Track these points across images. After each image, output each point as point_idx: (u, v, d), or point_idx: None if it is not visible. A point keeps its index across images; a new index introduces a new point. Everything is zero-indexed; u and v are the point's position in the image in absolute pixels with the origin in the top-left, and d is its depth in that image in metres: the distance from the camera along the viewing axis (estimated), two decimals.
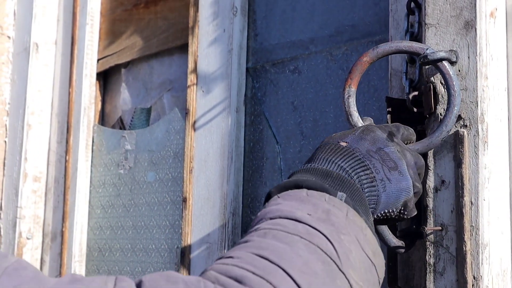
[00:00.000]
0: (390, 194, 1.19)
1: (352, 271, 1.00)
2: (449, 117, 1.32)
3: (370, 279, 1.05)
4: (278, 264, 0.96)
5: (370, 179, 1.18)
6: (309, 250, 0.99)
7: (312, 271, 0.97)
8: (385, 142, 1.22)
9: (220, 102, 2.01)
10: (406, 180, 1.21)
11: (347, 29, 1.82)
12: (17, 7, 2.68)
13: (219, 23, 2.05)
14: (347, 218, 1.05)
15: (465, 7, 1.38)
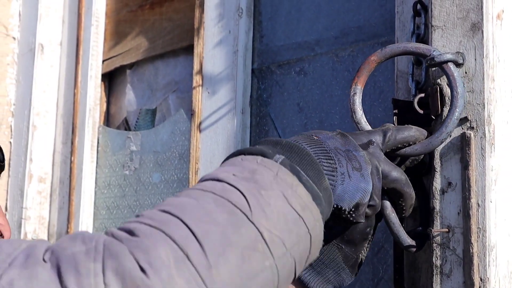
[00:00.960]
0: (346, 189, 1.18)
1: (265, 221, 0.98)
2: (449, 119, 1.32)
3: (293, 229, 1.01)
4: (177, 215, 0.95)
5: (331, 169, 1.18)
6: (217, 203, 0.98)
7: (212, 220, 0.96)
8: (354, 146, 1.23)
9: (225, 104, 2.01)
10: (367, 183, 1.20)
11: (352, 31, 1.82)
12: (22, 8, 2.68)
13: (224, 25, 2.05)
14: (276, 177, 1.04)
15: (471, 9, 1.38)
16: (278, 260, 0.98)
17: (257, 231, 0.97)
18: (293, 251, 1.00)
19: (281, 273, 0.99)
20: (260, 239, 0.97)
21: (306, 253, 1.04)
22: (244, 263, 0.95)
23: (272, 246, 0.98)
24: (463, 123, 1.36)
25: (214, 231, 0.95)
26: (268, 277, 0.97)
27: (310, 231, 1.03)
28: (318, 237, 1.06)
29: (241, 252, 0.95)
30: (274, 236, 0.98)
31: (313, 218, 1.04)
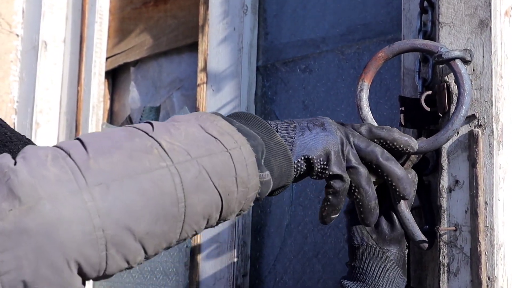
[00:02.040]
0: (307, 139, 1.21)
1: (168, 137, 1.04)
2: (456, 116, 1.31)
3: (202, 145, 1.05)
4: (80, 138, 1.02)
5: (290, 126, 1.22)
6: (124, 130, 1.05)
7: (108, 137, 1.02)
8: (325, 119, 1.26)
9: (230, 101, 2.00)
10: (329, 133, 1.22)
11: (359, 28, 1.81)
12: (25, 5, 2.68)
13: (229, 22, 2.05)
14: (199, 117, 1.10)
15: (479, 6, 1.37)
16: (179, 164, 1.02)
17: (154, 141, 1.02)
18: (202, 160, 1.04)
19: (183, 175, 1.02)
20: (157, 146, 1.02)
21: (227, 168, 1.06)
22: (132, 160, 0.99)
23: (171, 153, 1.02)
24: (471, 121, 1.35)
25: (104, 142, 1.01)
26: (165, 175, 1.00)
27: (230, 151, 1.07)
28: (247, 161, 1.09)
29: (129, 153, 1.00)
30: (175, 146, 1.03)
31: (233, 141, 1.08)
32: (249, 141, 1.11)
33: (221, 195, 1.06)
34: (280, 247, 1.90)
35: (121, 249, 0.97)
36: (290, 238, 1.88)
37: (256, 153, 1.11)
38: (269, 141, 1.17)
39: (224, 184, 1.06)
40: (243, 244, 1.94)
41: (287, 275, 1.88)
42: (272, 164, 1.15)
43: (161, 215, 1.00)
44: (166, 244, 1.04)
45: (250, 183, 1.09)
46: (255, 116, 1.20)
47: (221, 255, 1.96)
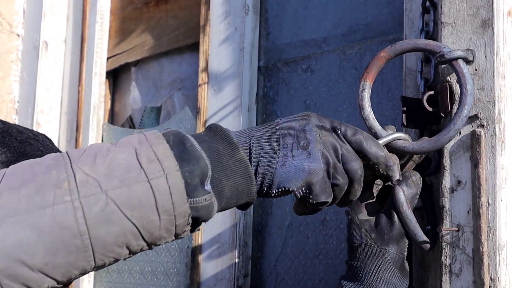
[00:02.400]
0: (289, 169, 1.21)
1: (88, 167, 1.08)
2: (458, 116, 1.31)
3: (119, 175, 1.08)
4: (6, 170, 1.09)
5: (273, 150, 1.21)
6: (54, 157, 1.10)
7: (30, 166, 1.09)
8: (310, 126, 1.25)
9: (231, 101, 2.00)
10: (312, 161, 1.22)
11: (360, 28, 1.81)
12: (26, 5, 2.68)
13: (230, 22, 2.04)
14: (142, 139, 1.12)
15: (482, 6, 1.37)
16: (85, 198, 1.06)
17: (71, 173, 1.07)
18: (113, 193, 1.06)
19: (87, 209, 1.05)
20: (70, 178, 1.06)
21: (144, 198, 1.08)
22: (37, 195, 1.05)
23: (82, 186, 1.06)
24: (473, 121, 1.35)
25: (23, 175, 1.07)
26: (66, 209, 1.04)
27: (150, 180, 1.08)
28: (173, 189, 1.09)
29: (38, 187, 1.05)
30: (89, 178, 1.07)
31: (159, 169, 1.09)
32: (185, 167, 1.11)
33: (136, 225, 1.08)
34: (281, 248, 1.90)
35: (18, 279, 1.03)
36: (291, 238, 1.88)
37: (190, 178, 1.11)
38: (227, 159, 1.17)
39: (139, 215, 1.08)
40: (244, 245, 1.94)
41: (288, 275, 1.88)
42: (223, 185, 1.16)
43: (61, 248, 1.04)
44: (79, 271, 1.08)
45: (176, 210, 1.10)
46: (226, 131, 1.20)
47: (222, 256, 1.96)
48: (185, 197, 1.10)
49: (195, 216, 1.13)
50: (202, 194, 1.12)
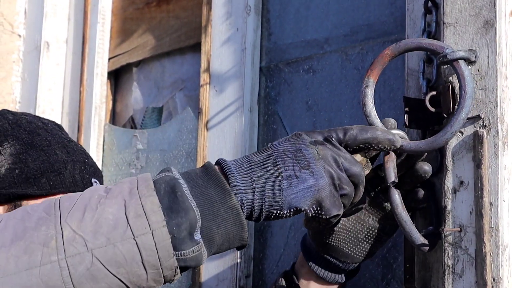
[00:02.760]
0: (296, 190, 1.22)
1: (77, 223, 1.10)
2: (455, 119, 1.31)
3: (105, 233, 1.10)
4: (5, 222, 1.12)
5: (276, 174, 1.22)
6: (45, 207, 1.13)
7: (22, 219, 1.12)
8: (305, 144, 1.26)
9: (233, 102, 2.00)
10: (317, 179, 1.23)
11: (362, 29, 1.81)
12: (27, 6, 2.67)
13: (232, 22, 2.04)
14: (133, 189, 1.15)
15: (484, 6, 1.37)
16: (71, 258, 1.09)
17: (60, 229, 1.10)
18: (98, 251, 1.10)
19: (74, 268, 1.09)
20: (58, 236, 1.10)
21: (130, 255, 1.11)
22: (26, 254, 1.08)
23: (69, 245, 1.09)
24: (476, 121, 1.35)
25: (14, 229, 1.10)
26: (53, 269, 1.08)
27: (136, 238, 1.11)
28: (159, 244, 1.12)
29: (27, 245, 1.09)
30: (76, 236, 1.10)
31: (145, 225, 1.12)
32: (173, 220, 1.13)
33: (122, 281, 1.11)
34: (283, 248, 1.90)
35: None
36: (294, 239, 1.88)
37: (177, 232, 1.13)
38: (219, 206, 1.18)
39: (125, 271, 1.11)
40: (247, 245, 1.94)
41: None
42: (213, 233, 1.17)
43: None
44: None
45: (162, 264, 1.13)
46: (219, 175, 1.21)
47: (224, 256, 1.95)
48: (172, 252, 1.13)
49: (183, 266, 1.15)
50: (190, 246, 1.14)
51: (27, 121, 1.52)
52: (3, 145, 1.44)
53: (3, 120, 1.51)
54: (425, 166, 1.38)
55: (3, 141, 1.45)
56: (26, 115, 1.55)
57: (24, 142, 1.45)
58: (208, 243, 1.17)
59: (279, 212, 1.22)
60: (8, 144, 1.44)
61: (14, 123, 1.50)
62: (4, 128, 1.49)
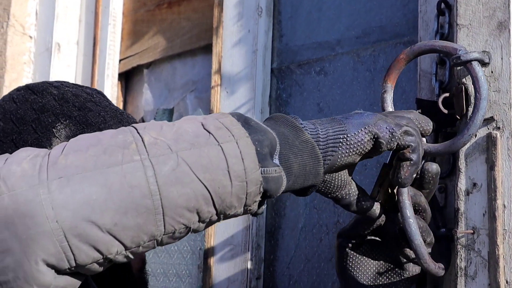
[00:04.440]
0: (356, 118, 1.22)
1: (155, 133, 1.05)
2: (472, 121, 1.31)
3: (188, 139, 1.06)
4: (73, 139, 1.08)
5: (330, 119, 1.22)
6: (119, 129, 1.08)
7: (96, 135, 1.06)
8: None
9: (244, 103, 2.00)
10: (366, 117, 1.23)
11: (374, 30, 1.80)
12: (39, 7, 2.68)
13: (243, 24, 2.04)
14: (207, 116, 1.11)
15: (498, 8, 1.37)
16: (155, 158, 1.02)
17: (138, 137, 1.05)
18: (183, 153, 1.04)
19: (158, 168, 1.02)
20: (138, 141, 1.04)
21: (215, 161, 1.05)
22: (105, 154, 1.02)
23: (150, 147, 1.03)
24: (489, 123, 1.35)
25: (87, 140, 1.05)
26: (136, 168, 1.01)
27: (221, 144, 1.06)
28: (244, 154, 1.07)
29: (105, 148, 1.03)
30: (158, 140, 1.04)
31: (228, 135, 1.07)
32: (254, 136, 1.09)
33: (208, 189, 1.05)
34: (294, 250, 1.90)
35: (86, 239, 1.00)
36: (305, 241, 1.88)
37: (260, 147, 1.09)
38: (293, 139, 1.15)
39: (211, 178, 1.05)
40: (257, 247, 1.94)
41: (301, 278, 1.88)
42: (291, 161, 1.14)
43: (130, 208, 1.01)
44: (148, 237, 1.04)
45: (248, 177, 1.07)
46: (286, 116, 1.19)
47: (234, 258, 1.95)
48: (257, 163, 1.08)
49: (265, 189, 1.10)
50: (272, 165, 1.10)
51: (73, 94, 1.44)
52: (56, 126, 1.37)
53: (48, 96, 1.42)
54: (433, 166, 1.33)
55: (55, 122, 1.37)
56: (68, 86, 1.46)
57: (78, 121, 1.38)
58: (287, 171, 1.13)
59: (344, 134, 1.19)
60: (61, 125, 1.37)
61: (61, 99, 1.42)
62: (51, 106, 1.41)
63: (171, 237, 1.06)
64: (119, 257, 1.03)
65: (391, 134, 1.20)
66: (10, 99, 1.45)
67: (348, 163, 1.21)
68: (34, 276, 0.99)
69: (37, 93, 1.42)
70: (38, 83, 1.48)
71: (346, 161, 1.20)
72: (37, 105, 1.40)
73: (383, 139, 1.19)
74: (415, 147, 1.21)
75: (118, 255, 1.03)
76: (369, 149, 1.21)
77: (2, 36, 2.63)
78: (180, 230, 1.06)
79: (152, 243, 1.05)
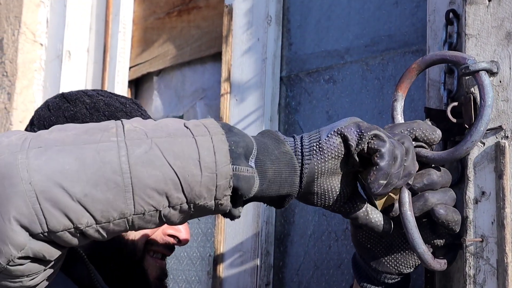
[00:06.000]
0: (330, 124, 1.25)
1: (137, 123, 1.13)
2: (475, 128, 1.32)
3: (165, 130, 1.12)
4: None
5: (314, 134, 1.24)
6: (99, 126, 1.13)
7: (85, 124, 1.14)
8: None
9: (253, 111, 2.01)
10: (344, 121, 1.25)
11: (383, 39, 1.82)
12: (49, 15, 2.70)
13: (253, 32, 2.06)
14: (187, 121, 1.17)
15: (506, 18, 1.38)
16: (130, 140, 1.09)
17: (120, 124, 1.12)
18: (157, 140, 1.10)
19: (131, 149, 1.08)
20: (118, 127, 1.12)
21: (187, 150, 1.11)
22: (85, 134, 1.10)
23: (129, 132, 1.11)
24: (498, 132, 1.36)
25: (76, 126, 1.13)
26: (111, 147, 1.08)
27: (196, 137, 1.12)
28: (217, 148, 1.12)
29: (87, 129, 1.11)
30: (137, 128, 1.12)
31: (204, 130, 1.13)
32: (230, 137, 1.15)
33: (177, 174, 1.10)
34: (303, 257, 1.91)
35: (57, 205, 1.05)
36: (314, 248, 1.89)
37: (234, 146, 1.14)
38: (273, 149, 1.19)
39: (182, 165, 1.10)
40: (266, 253, 1.95)
41: (310, 285, 1.88)
42: (266, 167, 1.18)
43: (101, 182, 1.07)
44: (118, 214, 1.09)
45: (218, 170, 1.11)
46: (272, 131, 1.24)
47: (244, 264, 1.97)
48: (229, 159, 1.12)
49: (235, 186, 1.14)
50: (245, 165, 1.15)
51: (105, 103, 1.51)
52: None
53: (81, 104, 1.50)
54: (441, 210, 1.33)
55: None
56: (103, 95, 1.54)
57: None
58: (261, 174, 1.17)
59: (317, 141, 1.22)
60: None
61: (92, 108, 1.49)
62: (82, 114, 1.49)
63: (142, 219, 1.11)
64: (90, 230, 1.08)
65: (359, 136, 1.21)
66: (45, 106, 1.54)
67: (330, 169, 1.22)
68: (9, 235, 1.04)
69: (70, 101, 1.49)
70: (73, 92, 1.56)
71: (324, 167, 1.22)
72: (69, 113, 1.47)
73: (351, 141, 1.21)
74: (383, 152, 1.20)
75: (88, 227, 1.08)
76: (343, 151, 1.22)
77: (14, 44, 2.65)
78: (150, 212, 1.10)
79: (123, 222, 1.10)
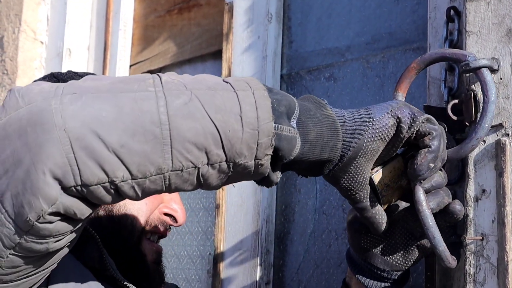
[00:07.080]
0: (381, 105, 1.22)
1: (175, 76, 1.08)
2: (480, 125, 1.31)
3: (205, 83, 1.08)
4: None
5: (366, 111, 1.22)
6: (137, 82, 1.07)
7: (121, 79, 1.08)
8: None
9: None
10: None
11: (384, 37, 1.81)
12: (50, 13, 2.70)
13: (253, 30, 2.05)
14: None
15: (507, 15, 1.37)
16: (169, 91, 1.04)
17: (157, 76, 1.07)
18: (197, 92, 1.05)
19: (170, 100, 1.03)
20: (155, 78, 1.06)
21: (229, 104, 1.06)
22: (121, 83, 1.04)
23: (166, 83, 1.05)
24: (498, 130, 1.35)
25: (108, 77, 1.09)
26: (149, 96, 1.03)
27: (237, 91, 1.07)
28: (259, 104, 1.07)
29: (123, 79, 1.06)
30: (175, 80, 1.06)
31: (245, 85, 1.08)
32: (272, 95, 1.10)
33: (218, 128, 1.05)
34: (303, 256, 1.90)
35: (92, 155, 1.00)
36: (314, 246, 1.88)
37: (276, 104, 1.09)
38: (315, 112, 1.15)
39: (223, 119, 1.05)
40: (266, 252, 1.94)
41: (310, 283, 1.88)
42: (308, 129, 1.14)
43: (138, 132, 1.01)
44: (155, 169, 1.03)
45: (260, 126, 1.07)
46: (314, 96, 1.19)
47: (244, 263, 1.96)
48: (271, 115, 1.08)
49: (277, 146, 1.09)
50: (287, 125, 1.10)
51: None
52: None
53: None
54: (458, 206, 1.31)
55: None
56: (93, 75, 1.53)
57: None
58: (303, 136, 1.12)
59: (370, 118, 1.19)
60: None
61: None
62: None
63: (180, 177, 1.05)
64: (125, 185, 1.03)
65: (412, 119, 1.20)
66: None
67: (373, 150, 1.20)
68: (40, 187, 0.99)
69: (61, 80, 1.47)
70: (63, 72, 1.53)
71: (371, 147, 1.19)
72: None
73: (404, 123, 1.20)
74: (436, 134, 1.21)
75: (124, 182, 1.02)
76: (392, 134, 1.20)
77: (14, 42, 2.65)
78: (188, 169, 1.05)
79: (160, 179, 1.04)
